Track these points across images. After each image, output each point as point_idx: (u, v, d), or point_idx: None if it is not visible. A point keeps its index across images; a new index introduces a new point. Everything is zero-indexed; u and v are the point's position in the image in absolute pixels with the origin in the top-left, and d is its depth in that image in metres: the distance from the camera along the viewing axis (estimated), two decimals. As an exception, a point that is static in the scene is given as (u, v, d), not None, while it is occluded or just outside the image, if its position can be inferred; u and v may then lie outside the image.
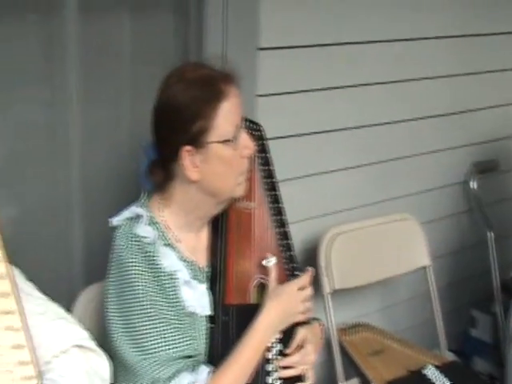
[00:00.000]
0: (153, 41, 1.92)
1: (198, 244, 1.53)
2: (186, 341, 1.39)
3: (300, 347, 1.53)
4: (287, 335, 1.52)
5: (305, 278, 1.55)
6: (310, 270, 1.59)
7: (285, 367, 1.51)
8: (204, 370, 1.38)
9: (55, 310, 1.32)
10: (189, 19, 1.96)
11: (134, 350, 1.36)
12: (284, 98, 2.10)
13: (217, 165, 1.42)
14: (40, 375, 1.19)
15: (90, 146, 1.86)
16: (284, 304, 1.48)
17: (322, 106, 2.20)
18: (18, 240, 1.67)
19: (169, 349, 1.37)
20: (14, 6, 1.67)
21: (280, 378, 1.51)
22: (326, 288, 2.09)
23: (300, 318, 1.53)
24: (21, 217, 1.79)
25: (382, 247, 2.29)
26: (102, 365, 1.30)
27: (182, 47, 1.98)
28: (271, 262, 1.53)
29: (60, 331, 1.27)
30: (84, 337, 1.30)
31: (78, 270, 1.92)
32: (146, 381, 1.35)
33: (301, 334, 1.53)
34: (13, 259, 1.28)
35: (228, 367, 1.40)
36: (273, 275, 1.51)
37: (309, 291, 1.56)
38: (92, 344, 1.30)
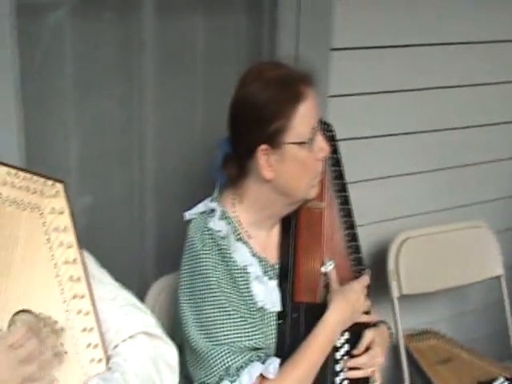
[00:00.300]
0: (226, 40, 1.95)
1: (268, 242, 1.54)
2: (258, 333, 1.41)
3: (368, 349, 1.52)
4: (355, 336, 1.52)
5: (366, 278, 1.55)
6: (367, 270, 1.59)
7: (352, 368, 1.50)
8: (274, 361, 1.39)
9: (125, 296, 1.35)
10: (262, 19, 1.97)
11: (206, 339, 1.38)
12: (355, 100, 2.09)
13: (291, 166, 1.42)
14: (107, 358, 1.23)
15: (164, 141, 1.90)
16: (351, 302, 1.48)
17: (394, 108, 2.18)
18: (92, 231, 1.75)
19: (240, 339, 1.38)
20: (93, 5, 1.73)
21: (347, 379, 1.50)
22: (394, 292, 2.06)
23: (362, 317, 1.52)
24: (95, 208, 1.85)
25: (453, 254, 2.23)
26: (168, 352, 1.32)
27: (254, 47, 1.99)
28: (330, 266, 1.52)
29: (129, 317, 1.29)
30: (152, 324, 1.32)
31: (150, 261, 1.97)
32: (218, 368, 1.37)
33: (369, 335, 1.52)
34: (87, 249, 1.34)
35: (297, 362, 1.40)
36: (333, 278, 1.51)
37: (366, 291, 1.55)
38: (159, 331, 1.32)
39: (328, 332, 1.43)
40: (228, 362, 1.36)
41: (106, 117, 1.82)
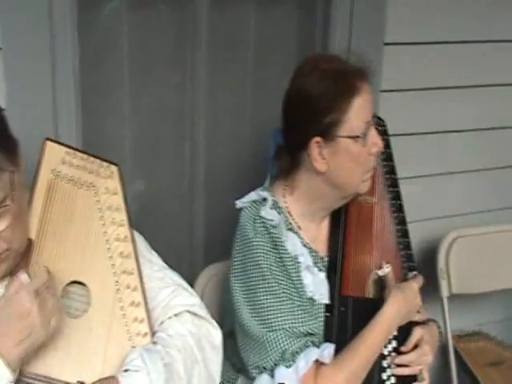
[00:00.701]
0: (278, 32, 1.94)
1: (318, 234, 1.54)
2: (311, 319, 1.41)
3: (416, 346, 1.50)
4: (403, 333, 1.50)
5: (421, 278, 1.54)
6: (414, 273, 1.57)
7: (400, 365, 1.49)
8: (329, 346, 1.39)
9: (172, 277, 1.38)
10: (315, 12, 1.97)
11: (261, 324, 1.39)
12: (407, 95, 2.06)
13: (344, 159, 1.42)
14: (152, 333, 1.27)
15: (215, 130, 1.92)
16: (409, 299, 1.47)
17: (446, 104, 2.14)
18: (143, 217, 1.78)
19: (295, 324, 1.39)
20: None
21: (394, 375, 1.49)
22: (444, 291, 2.03)
23: (416, 316, 1.51)
24: (147, 195, 1.88)
25: (506, 255, 2.17)
26: (212, 332, 1.34)
27: (307, 40, 1.99)
28: (387, 269, 1.51)
29: (175, 296, 1.33)
30: (197, 304, 1.35)
31: (199, 249, 1.99)
32: (273, 352, 1.38)
33: (418, 333, 1.50)
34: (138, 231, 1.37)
35: (352, 352, 1.40)
36: (391, 278, 1.50)
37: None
38: (204, 312, 1.35)
39: (384, 326, 1.43)
40: (284, 347, 1.37)
41: (159, 105, 1.84)
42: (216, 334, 1.35)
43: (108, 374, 1.19)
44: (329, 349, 1.38)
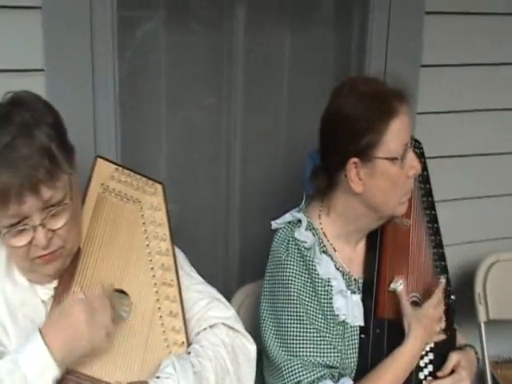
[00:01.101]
0: (313, 54, 1.96)
1: (353, 256, 1.53)
2: (333, 351, 1.39)
3: (453, 372, 1.48)
4: (439, 358, 1.48)
5: (438, 295, 1.50)
6: (442, 281, 1.52)
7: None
8: (347, 381, 1.38)
9: (210, 291, 1.42)
10: (351, 34, 1.98)
11: (282, 349, 1.39)
12: (444, 117, 2.05)
13: (382, 181, 1.41)
14: (188, 343, 1.31)
15: (250, 150, 1.94)
16: (427, 328, 1.45)
17: (483, 127, 2.12)
18: (178, 236, 1.77)
19: (315, 354, 1.38)
20: (186, 18, 1.79)
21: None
22: (481, 317, 1.99)
23: (438, 336, 1.49)
24: (183, 215, 1.90)
25: (545, 281, 2.13)
26: (247, 346, 1.36)
27: (342, 62, 2.00)
28: (400, 285, 1.48)
29: (210, 308, 1.36)
30: (233, 318, 1.37)
31: (234, 268, 2.00)
32: (289, 380, 1.37)
33: (455, 358, 1.48)
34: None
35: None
36: (403, 299, 1.46)
37: (442, 307, 1.50)
38: (239, 326, 1.37)
39: (405, 362, 1.41)
40: (300, 377, 1.36)
41: (195, 126, 1.87)
42: (251, 348, 1.36)
43: (145, 378, 1.23)
44: (347, 383, 1.37)
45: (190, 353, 1.28)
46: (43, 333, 1.15)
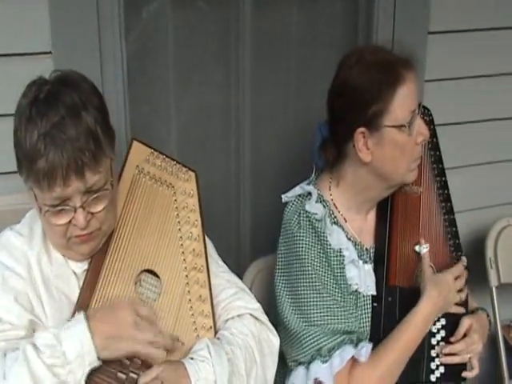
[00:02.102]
0: (321, 26, 1.95)
1: (364, 226, 1.54)
2: (350, 317, 1.42)
3: (465, 335, 1.50)
4: (451, 322, 1.50)
5: (460, 268, 1.52)
6: (464, 258, 1.55)
7: (449, 354, 1.49)
8: (367, 345, 1.40)
9: (236, 281, 1.44)
10: (357, 4, 1.96)
11: (300, 318, 1.42)
12: (452, 84, 2.04)
13: (390, 149, 1.42)
14: (216, 328, 1.33)
15: (260, 126, 1.94)
16: (444, 293, 1.46)
17: (492, 93, 2.10)
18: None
19: (334, 321, 1.40)
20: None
21: (443, 364, 1.49)
22: (493, 281, 2.00)
23: (453, 308, 1.50)
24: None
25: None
26: (272, 339, 1.38)
27: (350, 32, 1.99)
28: (424, 248, 1.51)
29: (238, 298, 1.38)
30: (259, 309, 1.39)
31: (246, 243, 2.02)
32: (310, 348, 1.40)
33: (467, 322, 1.50)
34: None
35: (387, 349, 1.41)
36: (426, 262, 1.49)
37: (463, 281, 1.52)
38: (265, 318, 1.39)
39: (419, 323, 1.43)
40: (320, 344, 1.39)
41: (204, 103, 1.87)
42: (275, 342, 1.38)
43: (174, 359, 1.25)
44: (366, 347, 1.39)
45: (218, 338, 1.30)
46: (89, 318, 1.17)
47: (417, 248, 1.51)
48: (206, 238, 1.42)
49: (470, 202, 2.11)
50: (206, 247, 1.38)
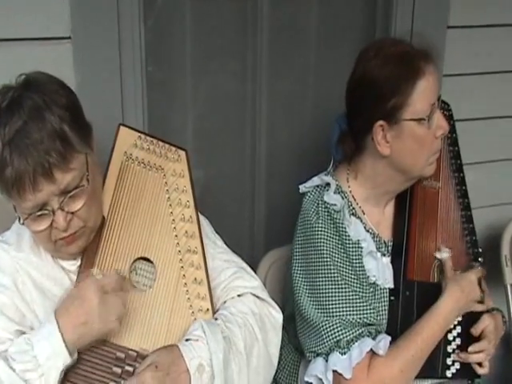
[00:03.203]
0: (339, 18, 1.93)
1: (382, 219, 1.53)
2: (369, 308, 1.41)
3: (481, 334, 1.49)
4: (468, 319, 1.49)
5: (482, 269, 1.52)
6: (481, 260, 1.56)
7: (465, 351, 1.48)
8: (385, 338, 1.39)
9: (235, 260, 1.43)
10: (376, -2, 1.95)
11: (318, 310, 1.40)
12: (471, 79, 2.02)
13: (409, 142, 1.40)
14: (214, 310, 1.32)
15: (276, 116, 1.93)
16: (466, 292, 1.45)
17: (509, 89, 2.08)
18: (205, 202, 1.79)
19: (352, 313, 1.39)
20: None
21: (458, 361, 1.48)
22: (508, 279, 1.99)
23: (476, 306, 1.49)
24: (208, 180, 1.91)
25: None
26: (274, 314, 1.37)
27: (368, 24, 1.97)
28: (446, 254, 1.50)
29: (237, 278, 1.37)
30: (259, 287, 1.39)
31: (261, 234, 2.01)
32: (328, 340, 1.39)
33: (486, 321, 1.49)
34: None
35: (408, 344, 1.39)
36: (449, 266, 1.48)
37: (483, 284, 1.52)
38: (266, 295, 1.38)
39: (440, 319, 1.42)
40: (339, 336, 1.38)
41: (221, 93, 1.87)
42: (278, 316, 1.37)
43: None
44: (385, 340, 1.38)
45: (216, 319, 1.30)
46: (57, 315, 1.15)
47: (438, 255, 1.51)
48: (202, 216, 1.41)
49: (488, 199, 2.09)
50: (200, 228, 1.36)
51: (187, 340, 1.23)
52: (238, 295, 1.35)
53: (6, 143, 1.11)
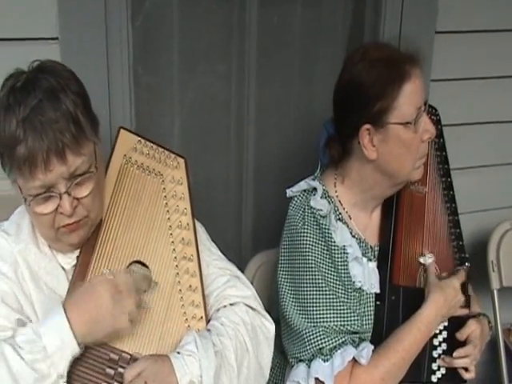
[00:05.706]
0: (326, 22, 1.93)
1: (369, 224, 1.53)
2: (353, 316, 1.41)
3: (467, 339, 1.49)
4: (454, 324, 1.49)
5: (463, 274, 1.52)
6: (467, 265, 1.55)
7: (450, 356, 1.48)
8: (368, 346, 1.39)
9: (230, 268, 1.41)
10: (364, 2, 1.95)
11: (303, 316, 1.40)
12: (459, 84, 2.03)
13: (395, 146, 1.40)
14: (207, 318, 1.31)
15: (263, 120, 1.93)
16: (449, 298, 1.45)
17: (498, 94, 2.10)
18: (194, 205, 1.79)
19: (336, 321, 1.39)
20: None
21: (444, 366, 1.48)
22: (494, 284, 2.00)
23: (459, 311, 1.49)
24: (196, 183, 1.85)
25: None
26: (266, 325, 1.36)
27: (356, 30, 1.97)
28: (429, 259, 1.51)
29: (230, 287, 1.36)
30: (251, 297, 1.37)
31: (248, 237, 2.01)
32: (311, 347, 1.38)
33: (472, 326, 1.49)
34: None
35: (390, 352, 1.39)
36: (432, 271, 1.49)
37: (469, 288, 1.53)
38: (259, 306, 1.37)
39: (423, 327, 1.41)
40: (322, 343, 1.37)
41: (208, 95, 1.86)
42: (270, 327, 1.36)
43: (164, 351, 1.24)
44: (367, 349, 1.38)
45: (209, 329, 1.29)
46: (66, 308, 1.15)
47: (421, 260, 1.51)
48: (198, 223, 1.41)
49: (474, 204, 2.11)
50: (196, 235, 1.36)
51: (179, 353, 1.21)
52: (231, 304, 1.34)
53: (20, 120, 1.11)
